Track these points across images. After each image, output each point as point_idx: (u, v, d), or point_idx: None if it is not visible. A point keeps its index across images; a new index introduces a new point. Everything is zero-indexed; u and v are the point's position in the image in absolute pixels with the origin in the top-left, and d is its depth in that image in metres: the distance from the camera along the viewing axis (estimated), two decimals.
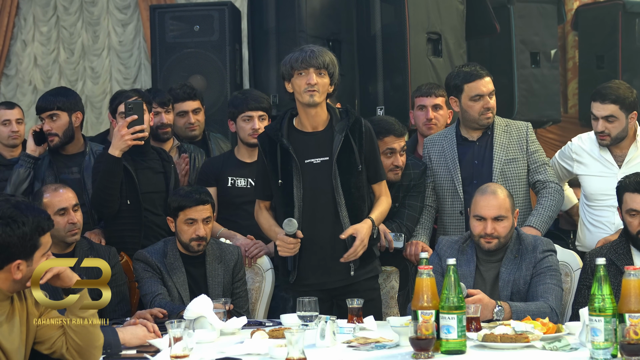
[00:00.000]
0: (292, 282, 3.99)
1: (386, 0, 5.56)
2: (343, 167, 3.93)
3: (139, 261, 4.14)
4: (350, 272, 3.94)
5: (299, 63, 3.88)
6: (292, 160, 3.93)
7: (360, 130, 3.98)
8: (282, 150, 3.95)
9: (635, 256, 3.91)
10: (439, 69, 5.48)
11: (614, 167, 4.46)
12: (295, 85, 3.92)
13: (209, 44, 5.99)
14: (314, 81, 3.87)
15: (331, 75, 3.93)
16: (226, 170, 4.67)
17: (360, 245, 3.87)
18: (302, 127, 4.01)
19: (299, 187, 3.93)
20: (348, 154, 3.94)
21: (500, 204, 3.83)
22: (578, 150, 4.60)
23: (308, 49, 3.93)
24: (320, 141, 3.97)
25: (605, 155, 4.50)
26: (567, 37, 7.43)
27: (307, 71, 3.88)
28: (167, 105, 4.87)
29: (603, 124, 4.42)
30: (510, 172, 4.48)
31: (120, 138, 4.34)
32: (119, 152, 4.35)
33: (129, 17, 8.45)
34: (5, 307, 2.87)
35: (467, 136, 4.56)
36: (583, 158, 4.57)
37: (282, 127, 3.99)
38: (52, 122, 4.61)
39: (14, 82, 8.57)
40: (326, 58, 3.91)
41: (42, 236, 2.88)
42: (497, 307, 3.57)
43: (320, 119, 3.99)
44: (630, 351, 2.77)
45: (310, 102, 3.91)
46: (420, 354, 3.00)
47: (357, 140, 3.96)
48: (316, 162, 3.96)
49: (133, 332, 3.35)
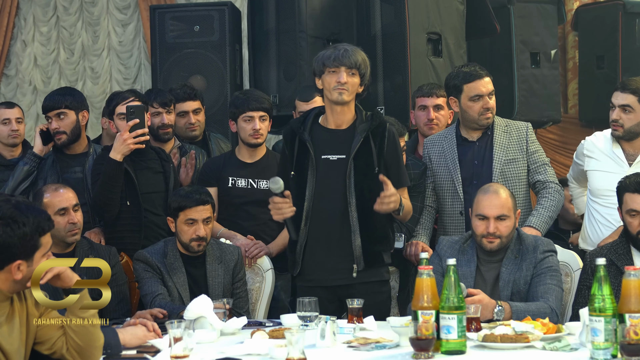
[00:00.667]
0: (295, 274, 3.98)
1: (386, 1, 5.56)
2: (359, 168, 3.93)
3: (139, 261, 4.14)
4: (352, 273, 3.94)
5: (331, 60, 3.90)
6: (309, 154, 3.94)
7: (382, 134, 3.98)
8: (301, 143, 3.97)
9: (635, 256, 3.90)
10: (439, 69, 5.49)
11: (624, 165, 4.46)
12: (325, 82, 3.93)
13: (209, 44, 5.99)
14: (344, 80, 3.88)
15: (362, 75, 3.94)
16: (227, 171, 4.67)
17: (391, 193, 3.80)
18: (325, 124, 4.02)
19: (312, 181, 3.94)
20: (366, 155, 3.94)
21: (502, 203, 3.83)
22: (590, 146, 4.61)
23: (342, 47, 3.94)
24: (340, 139, 3.98)
25: (617, 151, 4.50)
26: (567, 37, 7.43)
27: (338, 69, 3.89)
28: (169, 105, 4.87)
29: (618, 113, 4.43)
30: (510, 173, 4.47)
31: (123, 142, 4.35)
32: (121, 157, 4.36)
33: (129, 17, 8.45)
34: (5, 308, 2.87)
35: (467, 136, 4.56)
36: (594, 154, 4.57)
37: (305, 121, 4.02)
38: (59, 120, 4.64)
39: (14, 82, 8.57)
40: (359, 58, 3.92)
41: (42, 236, 2.88)
42: (497, 307, 3.57)
43: (346, 118, 3.99)
44: (630, 351, 2.77)
45: (338, 99, 3.92)
46: (420, 354, 2.99)
47: (378, 143, 3.96)
48: (332, 159, 3.96)
49: (133, 332, 3.35)
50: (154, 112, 4.80)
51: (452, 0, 5.65)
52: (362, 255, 3.94)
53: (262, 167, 4.68)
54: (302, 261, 3.98)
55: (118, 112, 4.52)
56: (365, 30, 5.64)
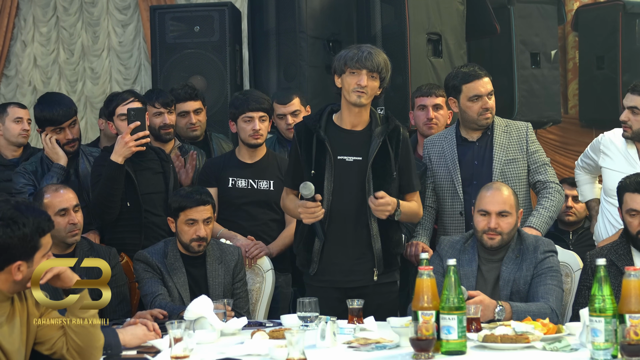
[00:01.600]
0: (312, 274, 3.97)
1: (386, 1, 5.56)
2: (377, 172, 3.93)
3: (140, 262, 4.14)
4: (373, 277, 3.94)
5: (353, 62, 3.86)
6: (327, 154, 3.92)
7: (398, 137, 3.97)
8: (318, 142, 3.94)
9: (635, 257, 3.90)
10: (439, 70, 5.49)
11: (636, 165, 4.46)
12: (345, 83, 3.90)
13: (209, 45, 5.99)
14: (365, 83, 3.86)
15: (382, 79, 3.92)
16: (227, 171, 4.67)
17: (384, 202, 3.82)
18: (340, 124, 4.00)
19: (330, 181, 3.92)
20: (384, 159, 3.94)
21: (505, 199, 3.84)
22: (607, 142, 4.62)
23: (366, 49, 3.90)
24: (356, 140, 3.96)
25: (631, 151, 4.51)
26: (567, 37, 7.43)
27: (359, 71, 3.86)
28: (170, 105, 4.87)
29: (627, 114, 4.45)
30: (510, 173, 4.47)
31: (124, 145, 4.36)
32: (122, 159, 4.37)
33: (129, 17, 8.44)
34: (5, 308, 2.87)
35: (467, 137, 4.56)
36: (610, 151, 4.58)
37: (321, 120, 3.98)
38: (72, 128, 4.66)
39: (13, 82, 8.56)
40: (381, 61, 3.89)
41: (42, 237, 2.88)
42: (498, 307, 3.58)
43: (362, 119, 3.98)
44: (630, 352, 2.77)
45: (357, 102, 3.90)
46: (420, 354, 2.99)
47: (394, 147, 3.96)
48: (348, 160, 3.95)
49: (133, 332, 3.35)
50: (155, 112, 4.81)
51: (453, 1, 5.65)
52: (382, 259, 3.95)
53: (262, 167, 4.68)
54: (319, 262, 3.96)
55: (118, 113, 4.52)
56: (366, 31, 5.64)
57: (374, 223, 3.92)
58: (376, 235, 3.93)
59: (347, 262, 3.95)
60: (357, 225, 3.94)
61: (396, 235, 4.02)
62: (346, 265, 3.95)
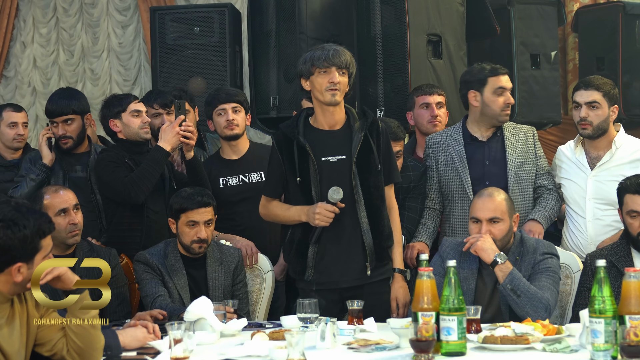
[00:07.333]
0: (308, 279, 3.97)
1: (386, 2, 5.55)
2: (362, 167, 3.94)
3: (140, 262, 4.14)
4: (367, 272, 3.94)
5: (321, 61, 3.87)
6: (309, 158, 3.92)
7: (377, 130, 3.99)
8: (299, 148, 3.94)
9: (635, 258, 3.91)
10: (439, 71, 5.48)
11: (586, 170, 4.45)
12: (316, 84, 3.91)
13: (209, 46, 5.99)
14: (337, 79, 3.87)
15: (350, 75, 3.94)
16: (215, 172, 4.67)
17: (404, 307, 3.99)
18: (318, 126, 4.00)
19: (316, 185, 3.93)
20: (367, 154, 3.95)
21: (496, 206, 3.83)
22: (560, 155, 4.61)
23: (330, 47, 3.93)
24: (337, 140, 3.97)
25: (580, 157, 4.48)
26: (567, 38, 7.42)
27: (329, 70, 3.88)
28: (169, 107, 4.88)
29: (586, 110, 4.40)
30: (522, 175, 4.48)
31: (176, 134, 4.37)
32: (170, 148, 4.40)
33: (129, 18, 8.44)
34: (5, 310, 2.87)
35: (478, 135, 4.54)
36: (563, 162, 4.57)
37: (298, 125, 3.98)
38: (67, 125, 4.66)
39: (13, 83, 8.56)
40: (347, 57, 3.92)
41: (42, 239, 2.88)
42: (497, 254, 3.69)
43: (339, 117, 3.99)
44: (630, 353, 2.77)
45: (331, 101, 3.91)
46: (420, 355, 2.99)
47: (375, 140, 3.97)
48: (333, 160, 3.95)
49: (133, 334, 3.35)
50: (154, 113, 4.82)
51: (453, 2, 5.65)
52: (374, 253, 3.95)
53: (250, 160, 4.69)
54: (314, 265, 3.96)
55: (132, 109, 4.53)
56: (366, 32, 5.64)
57: (364, 218, 3.93)
58: (367, 230, 3.93)
59: (341, 260, 3.95)
60: (349, 223, 3.94)
61: (386, 229, 4.01)
62: (340, 264, 3.95)
